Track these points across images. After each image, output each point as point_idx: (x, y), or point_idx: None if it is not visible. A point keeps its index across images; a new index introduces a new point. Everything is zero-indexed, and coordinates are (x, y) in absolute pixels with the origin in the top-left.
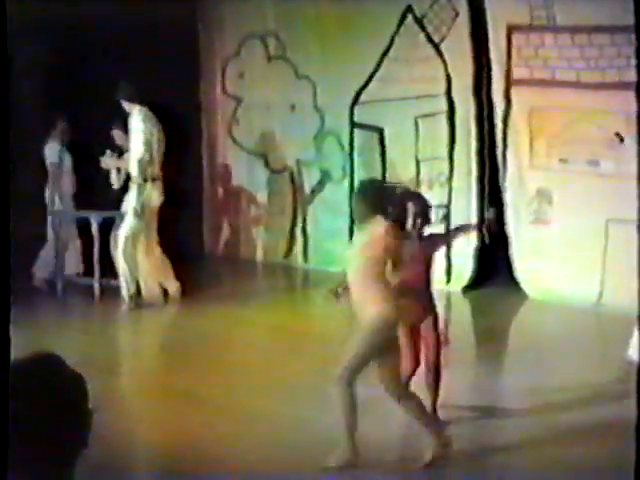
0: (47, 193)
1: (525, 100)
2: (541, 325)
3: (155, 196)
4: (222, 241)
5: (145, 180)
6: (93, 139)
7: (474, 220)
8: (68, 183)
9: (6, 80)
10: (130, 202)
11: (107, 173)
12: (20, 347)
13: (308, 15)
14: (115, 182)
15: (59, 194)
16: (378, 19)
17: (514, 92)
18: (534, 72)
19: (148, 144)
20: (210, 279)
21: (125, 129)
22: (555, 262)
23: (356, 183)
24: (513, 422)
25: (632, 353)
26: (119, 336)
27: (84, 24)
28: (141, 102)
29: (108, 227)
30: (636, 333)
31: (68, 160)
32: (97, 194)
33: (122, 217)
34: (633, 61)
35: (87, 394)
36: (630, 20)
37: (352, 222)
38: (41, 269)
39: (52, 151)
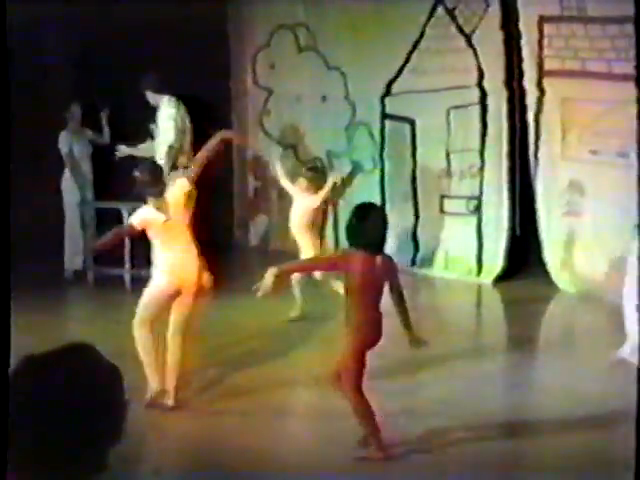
0: (62, 184)
1: (556, 91)
2: (572, 317)
3: (185, 185)
4: (252, 232)
5: (174, 168)
6: (128, 129)
7: (505, 212)
8: (86, 172)
9: (6, 80)
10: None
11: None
12: (53, 339)
13: (338, 6)
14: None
15: (78, 183)
16: (409, 10)
17: (546, 83)
18: (565, 63)
19: (178, 132)
20: (240, 270)
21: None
22: (587, 254)
23: (387, 173)
24: (545, 416)
25: (623, 352)
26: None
27: (114, 15)
28: (170, 92)
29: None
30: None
31: (83, 149)
32: (121, 183)
33: None
34: None
35: (123, 385)
36: None
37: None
38: (70, 261)
39: (64, 140)
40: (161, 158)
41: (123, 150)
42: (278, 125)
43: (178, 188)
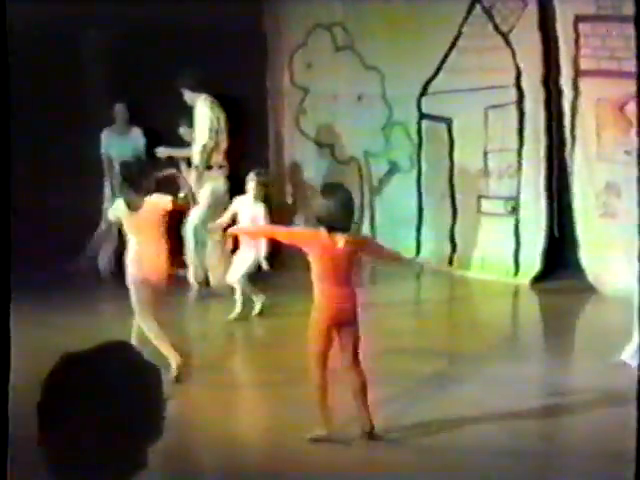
0: (104, 183)
1: (592, 91)
2: (608, 319)
3: (221, 184)
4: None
5: (208, 167)
6: (159, 128)
7: (543, 212)
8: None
9: (6, 79)
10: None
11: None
12: (90, 337)
13: (376, 5)
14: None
15: (112, 183)
16: (446, 9)
17: (582, 83)
18: (601, 63)
19: (213, 131)
20: (276, 270)
21: (190, 124)
22: (623, 256)
23: (424, 173)
24: (578, 417)
25: (625, 357)
26: (186, 325)
27: (149, 13)
28: (206, 91)
29: None
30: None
31: (127, 148)
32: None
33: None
34: None
35: (161, 383)
36: None
37: (420, 213)
38: (105, 261)
39: (103, 139)
40: (195, 155)
41: (162, 151)
42: (314, 124)
43: (155, 205)
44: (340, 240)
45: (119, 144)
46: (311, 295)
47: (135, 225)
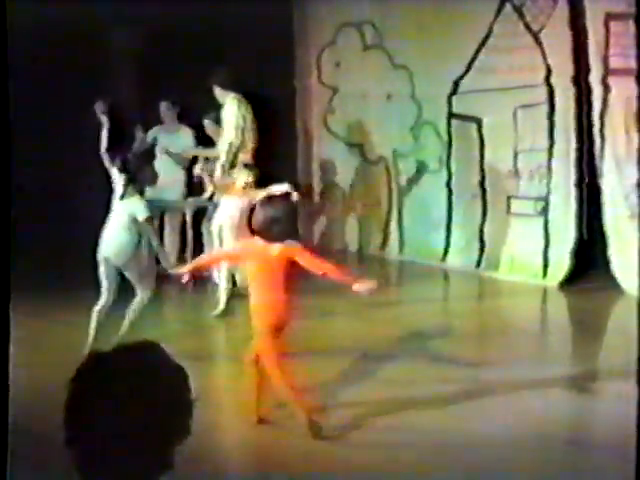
0: None
1: (622, 90)
2: (636, 321)
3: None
4: (316, 231)
5: (233, 166)
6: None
7: (572, 213)
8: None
9: (5, 79)
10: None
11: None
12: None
13: (405, 3)
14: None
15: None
16: (476, 7)
17: (611, 81)
18: (631, 61)
19: (239, 129)
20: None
21: (217, 121)
22: None
23: (453, 173)
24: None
25: None
26: (213, 326)
27: (179, 12)
28: (235, 90)
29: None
30: None
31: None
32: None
33: (215, 207)
34: None
35: (189, 383)
36: None
37: (449, 213)
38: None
39: (151, 137)
40: (221, 153)
41: (188, 151)
42: (343, 124)
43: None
44: (275, 250)
45: (167, 142)
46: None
47: None
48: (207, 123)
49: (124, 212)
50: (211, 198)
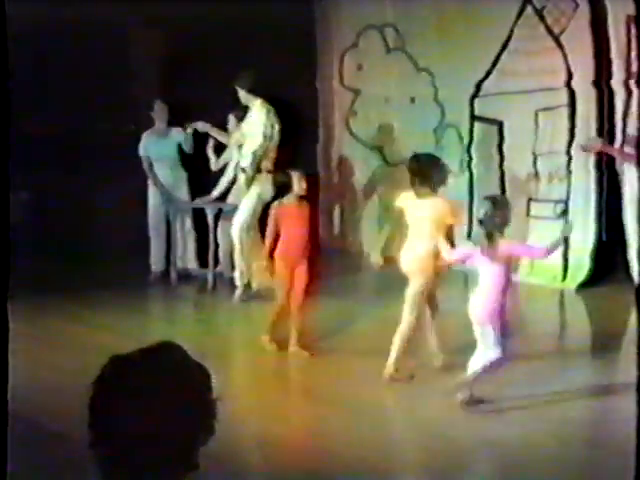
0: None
1: None
2: None
3: (268, 189)
4: (336, 234)
5: (258, 172)
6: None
7: (592, 217)
8: (163, 175)
9: (5, 79)
10: (241, 193)
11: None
12: (137, 337)
13: (427, 6)
14: (213, 165)
15: (156, 184)
16: (497, 10)
17: (633, 84)
18: None
19: (267, 138)
20: (322, 272)
21: (241, 118)
22: None
23: (475, 175)
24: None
25: None
26: (232, 327)
27: (199, 14)
28: (259, 93)
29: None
30: None
31: (167, 150)
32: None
33: (235, 208)
34: None
35: (211, 383)
36: None
37: (470, 215)
38: (156, 262)
39: (143, 140)
40: (245, 160)
41: (201, 127)
42: (365, 126)
43: None
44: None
45: (158, 145)
46: None
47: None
48: (232, 119)
49: None
50: (222, 198)
